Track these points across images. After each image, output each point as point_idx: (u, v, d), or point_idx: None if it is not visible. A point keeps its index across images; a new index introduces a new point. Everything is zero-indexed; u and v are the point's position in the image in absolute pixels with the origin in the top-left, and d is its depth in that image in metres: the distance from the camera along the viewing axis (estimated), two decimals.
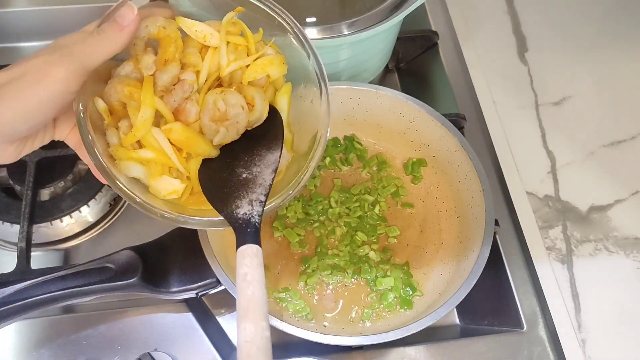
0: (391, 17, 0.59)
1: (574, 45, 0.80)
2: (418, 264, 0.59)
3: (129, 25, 0.39)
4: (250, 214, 0.44)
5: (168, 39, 0.43)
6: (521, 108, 0.73)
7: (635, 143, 0.70)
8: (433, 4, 0.83)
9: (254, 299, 0.37)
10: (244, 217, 0.44)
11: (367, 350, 0.55)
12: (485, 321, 0.61)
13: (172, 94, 0.43)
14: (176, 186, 0.44)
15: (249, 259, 0.39)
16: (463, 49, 0.76)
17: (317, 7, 0.65)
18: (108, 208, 0.66)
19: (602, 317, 0.57)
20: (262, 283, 0.38)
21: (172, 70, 0.43)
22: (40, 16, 0.79)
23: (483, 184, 0.56)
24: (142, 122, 0.41)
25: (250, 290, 0.37)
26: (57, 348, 0.54)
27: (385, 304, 0.56)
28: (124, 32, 0.39)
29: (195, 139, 0.44)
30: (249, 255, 0.40)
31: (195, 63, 0.44)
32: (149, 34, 0.43)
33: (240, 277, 0.38)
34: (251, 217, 0.44)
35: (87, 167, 0.66)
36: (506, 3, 0.84)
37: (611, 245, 0.62)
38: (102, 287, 0.50)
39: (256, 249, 0.40)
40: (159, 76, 0.43)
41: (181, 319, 0.57)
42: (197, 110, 0.44)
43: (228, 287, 0.50)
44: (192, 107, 0.44)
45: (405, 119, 0.63)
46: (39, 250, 0.64)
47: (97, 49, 0.38)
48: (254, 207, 0.44)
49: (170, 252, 0.54)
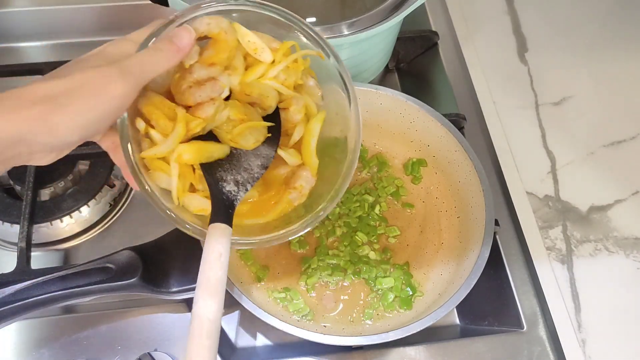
0: (391, 17, 0.59)
1: (574, 45, 0.80)
2: (418, 264, 0.59)
3: (185, 48, 0.40)
4: (235, 195, 0.44)
5: (225, 43, 0.43)
6: (521, 108, 0.73)
7: (635, 143, 0.70)
8: (433, 4, 0.83)
9: (222, 280, 0.39)
10: (227, 194, 0.44)
11: (367, 350, 0.55)
12: (485, 321, 0.61)
13: (201, 89, 0.42)
14: (204, 205, 0.44)
15: (224, 239, 0.40)
16: (463, 49, 0.76)
17: (317, 7, 0.65)
18: (108, 208, 0.66)
19: (602, 317, 0.57)
20: (227, 266, 0.40)
21: (213, 72, 0.43)
22: (40, 16, 0.79)
23: (483, 184, 0.56)
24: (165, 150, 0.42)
25: (221, 272, 0.39)
26: (57, 348, 0.54)
27: (385, 304, 0.56)
28: (180, 53, 0.40)
29: (205, 149, 0.44)
30: (225, 235, 0.41)
31: (236, 66, 0.44)
32: (208, 32, 0.43)
33: (214, 254, 0.40)
34: (235, 199, 0.44)
35: (87, 167, 0.67)
36: (506, 3, 0.84)
37: (611, 246, 0.62)
38: (102, 287, 0.50)
39: (229, 231, 0.41)
40: (197, 69, 0.42)
41: (181, 319, 0.57)
42: (213, 113, 0.43)
43: (228, 287, 0.50)
44: (210, 109, 0.43)
45: (405, 119, 0.63)
46: (39, 250, 0.64)
47: (153, 67, 0.39)
48: (239, 190, 0.45)
49: (170, 252, 0.54)
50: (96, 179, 0.65)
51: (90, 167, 0.66)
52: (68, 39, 0.82)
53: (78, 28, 0.81)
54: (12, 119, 0.33)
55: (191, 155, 0.43)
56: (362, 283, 0.58)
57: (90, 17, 0.80)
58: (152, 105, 0.42)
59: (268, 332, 0.59)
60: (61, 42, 0.82)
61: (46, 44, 0.82)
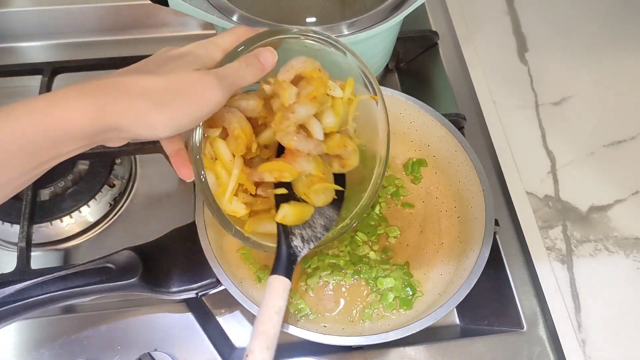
0: (391, 17, 0.59)
1: (574, 45, 0.80)
2: (418, 264, 0.59)
3: (268, 68, 0.43)
4: (300, 251, 0.47)
5: (320, 81, 0.45)
6: (521, 108, 0.73)
7: (635, 143, 0.70)
8: (433, 4, 0.83)
9: (276, 334, 0.42)
10: (294, 249, 0.46)
11: (367, 350, 0.55)
12: (485, 321, 0.61)
13: (307, 141, 0.45)
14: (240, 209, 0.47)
15: (284, 293, 0.44)
16: (463, 49, 0.76)
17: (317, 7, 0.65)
18: (108, 208, 0.66)
19: (602, 317, 0.57)
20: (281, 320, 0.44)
21: (311, 109, 0.45)
22: (40, 16, 0.79)
23: (483, 184, 0.56)
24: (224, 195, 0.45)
25: (279, 326, 0.43)
26: (57, 348, 0.54)
27: (385, 304, 0.56)
28: (263, 72, 0.43)
29: (304, 211, 0.48)
30: (285, 289, 0.44)
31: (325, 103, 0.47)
32: (303, 70, 0.45)
33: (271, 307, 0.43)
34: (298, 253, 0.46)
35: (87, 167, 0.67)
36: (506, 3, 0.84)
37: (611, 245, 0.62)
38: (102, 287, 0.50)
39: (289, 285, 0.45)
40: (299, 108, 0.44)
41: (181, 319, 0.57)
42: (311, 169, 0.46)
43: (228, 287, 0.50)
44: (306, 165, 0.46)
45: (405, 119, 0.63)
46: (39, 250, 0.64)
47: (243, 80, 0.41)
48: (304, 246, 0.47)
49: (170, 252, 0.54)
50: (96, 179, 0.66)
51: (90, 167, 0.66)
52: (68, 39, 0.82)
53: (78, 28, 0.81)
54: (115, 111, 0.35)
55: (294, 217, 0.47)
56: (362, 283, 0.58)
57: (90, 17, 0.80)
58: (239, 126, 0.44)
59: None
60: (61, 42, 0.82)
61: (46, 44, 0.82)
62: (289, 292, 0.44)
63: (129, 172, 0.69)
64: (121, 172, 0.68)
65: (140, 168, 0.70)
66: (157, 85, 0.36)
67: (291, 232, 0.48)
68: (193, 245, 0.53)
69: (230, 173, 0.45)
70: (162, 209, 0.67)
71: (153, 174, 0.70)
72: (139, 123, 0.36)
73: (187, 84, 0.37)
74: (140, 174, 0.70)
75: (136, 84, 0.36)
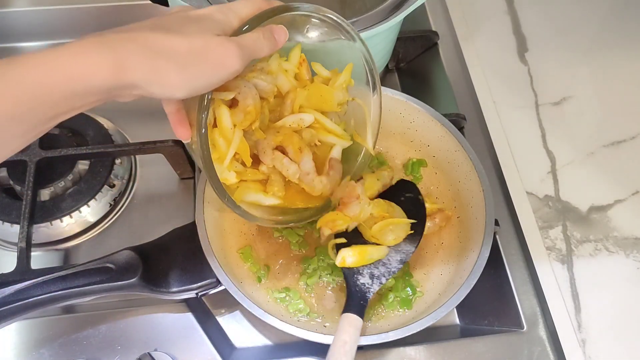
0: (391, 17, 0.59)
1: (574, 45, 0.79)
2: (418, 264, 0.59)
3: (280, 44, 0.44)
4: (368, 287, 0.47)
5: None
6: (521, 108, 0.73)
7: (635, 143, 0.70)
8: (433, 4, 0.83)
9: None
10: (361, 287, 0.48)
11: (367, 350, 0.55)
12: (485, 321, 0.61)
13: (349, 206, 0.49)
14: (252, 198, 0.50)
15: (353, 329, 0.45)
16: (463, 49, 0.76)
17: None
18: (108, 208, 0.66)
19: (602, 317, 0.57)
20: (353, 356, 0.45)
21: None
22: (40, 16, 0.79)
23: (483, 184, 0.56)
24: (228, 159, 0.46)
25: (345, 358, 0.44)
26: (57, 348, 0.54)
27: (385, 304, 0.56)
28: (276, 48, 0.43)
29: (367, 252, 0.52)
30: (354, 326, 0.45)
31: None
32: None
33: (339, 342, 0.45)
34: (367, 291, 0.47)
35: (87, 167, 0.66)
36: (506, 3, 0.84)
37: (611, 245, 0.62)
38: (102, 287, 0.50)
39: (361, 323, 0.46)
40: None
41: (181, 319, 0.57)
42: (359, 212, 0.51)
43: (228, 287, 0.50)
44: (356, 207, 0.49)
45: (405, 119, 0.63)
46: (39, 250, 0.64)
47: (258, 52, 0.41)
48: (373, 283, 0.48)
49: (170, 252, 0.54)
50: (96, 179, 0.65)
51: (90, 167, 0.66)
52: (68, 39, 0.82)
53: (78, 28, 0.81)
54: (135, 68, 0.34)
55: (355, 259, 0.48)
56: None
57: (90, 17, 0.80)
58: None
59: (268, 332, 0.59)
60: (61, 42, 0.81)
61: (46, 44, 0.82)
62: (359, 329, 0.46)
63: (129, 172, 0.69)
64: (121, 172, 0.68)
65: (140, 168, 0.70)
66: (180, 46, 0.36)
67: (358, 272, 0.50)
68: (193, 245, 0.53)
69: (228, 141, 0.45)
70: (162, 209, 0.67)
71: (153, 174, 0.70)
72: (157, 82, 0.35)
73: (209, 49, 0.37)
74: (140, 174, 0.70)
75: (159, 42, 0.35)
